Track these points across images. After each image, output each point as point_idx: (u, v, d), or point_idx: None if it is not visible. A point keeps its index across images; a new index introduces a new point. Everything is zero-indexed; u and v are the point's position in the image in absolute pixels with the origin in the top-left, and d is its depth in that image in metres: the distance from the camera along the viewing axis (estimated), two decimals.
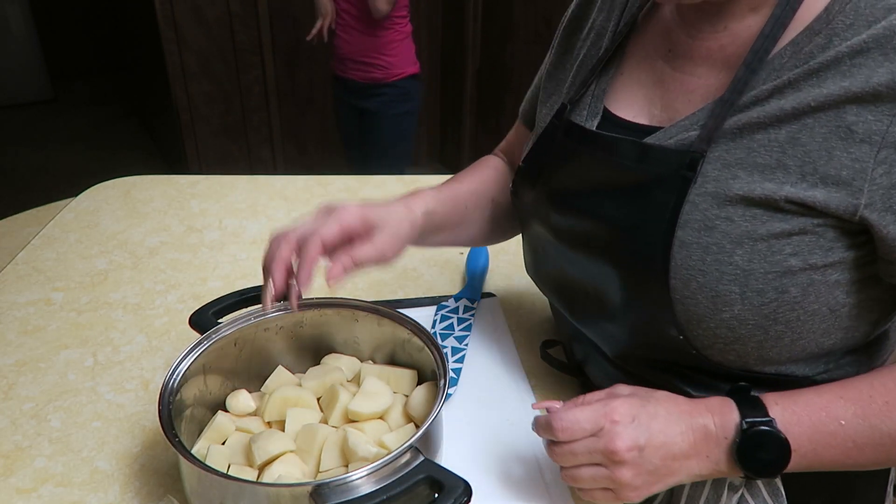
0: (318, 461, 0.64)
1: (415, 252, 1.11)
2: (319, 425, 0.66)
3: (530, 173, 0.74)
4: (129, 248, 1.12)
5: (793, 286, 0.57)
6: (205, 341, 0.69)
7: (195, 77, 3.07)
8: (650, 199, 0.60)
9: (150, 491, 0.69)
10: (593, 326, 0.71)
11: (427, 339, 0.71)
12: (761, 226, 0.56)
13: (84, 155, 3.94)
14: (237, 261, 1.09)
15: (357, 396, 0.69)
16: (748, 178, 0.56)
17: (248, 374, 0.74)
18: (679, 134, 0.61)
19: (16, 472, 0.71)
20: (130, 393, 0.82)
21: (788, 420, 0.57)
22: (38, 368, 0.86)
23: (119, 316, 0.96)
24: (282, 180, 1.36)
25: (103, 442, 0.75)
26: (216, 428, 0.67)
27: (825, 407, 0.57)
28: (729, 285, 0.57)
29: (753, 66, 0.57)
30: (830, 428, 0.56)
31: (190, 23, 2.97)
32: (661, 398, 0.59)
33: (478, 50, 3.34)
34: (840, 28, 0.54)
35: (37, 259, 1.08)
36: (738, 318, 0.58)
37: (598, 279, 0.66)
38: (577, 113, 0.71)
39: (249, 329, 0.72)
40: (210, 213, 1.23)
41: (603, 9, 0.74)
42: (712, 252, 0.57)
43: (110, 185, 1.32)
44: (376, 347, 0.77)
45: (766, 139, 0.56)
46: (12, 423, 0.77)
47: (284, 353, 0.76)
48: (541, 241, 0.74)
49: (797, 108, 0.55)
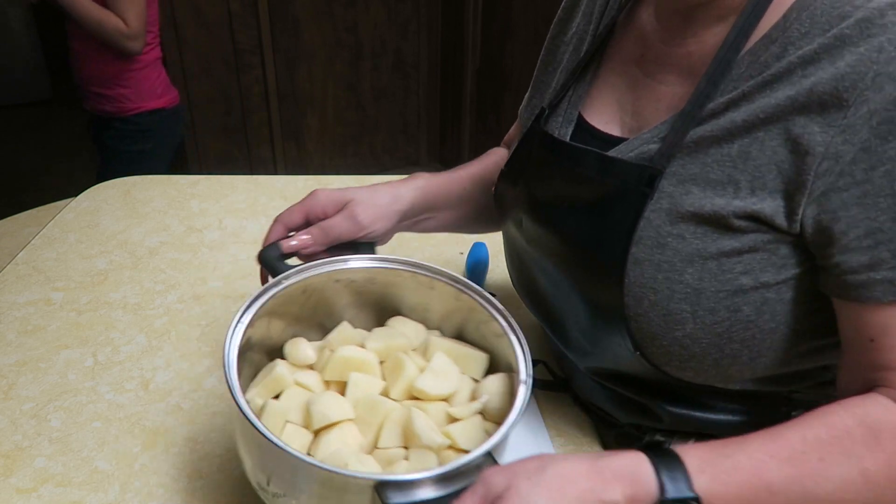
0: (377, 436, 0.60)
1: (415, 251, 1.11)
2: (383, 399, 0.62)
3: (511, 176, 0.73)
4: (129, 248, 1.12)
5: (745, 305, 0.55)
6: (273, 287, 0.65)
7: (195, 77, 3.06)
8: (610, 215, 0.59)
9: (150, 491, 0.69)
10: (565, 338, 0.70)
11: (510, 326, 0.64)
12: (711, 244, 0.55)
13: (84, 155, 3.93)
14: (237, 261, 1.09)
15: (425, 374, 0.64)
16: (700, 194, 0.55)
17: (310, 322, 0.71)
18: (641, 147, 0.60)
19: (16, 472, 0.71)
20: (130, 393, 0.82)
21: (714, 493, 0.48)
22: (38, 368, 0.86)
23: (119, 316, 0.96)
24: (282, 180, 1.36)
25: (103, 442, 0.75)
26: (275, 378, 0.63)
27: (755, 472, 0.49)
28: (680, 304, 0.56)
29: (715, 79, 0.55)
30: (760, 498, 0.48)
31: (190, 23, 2.97)
32: (551, 479, 0.47)
33: (478, 50, 3.34)
34: (795, 37, 0.52)
35: (37, 259, 1.08)
36: (690, 336, 0.56)
37: (564, 291, 0.65)
38: (553, 119, 0.70)
39: (320, 278, 0.69)
40: (210, 213, 1.23)
41: (586, 12, 0.73)
42: (664, 270, 0.56)
43: (110, 185, 1.32)
44: (445, 317, 0.72)
45: (718, 154, 0.54)
46: (12, 423, 0.77)
47: (350, 307, 0.73)
48: (516, 245, 0.73)
49: (747, 121, 0.53)
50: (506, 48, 3.17)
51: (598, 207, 0.60)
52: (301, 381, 0.64)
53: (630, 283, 0.57)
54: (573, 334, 0.67)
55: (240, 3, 3.03)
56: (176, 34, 2.98)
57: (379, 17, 3.28)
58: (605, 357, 0.65)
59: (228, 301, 0.99)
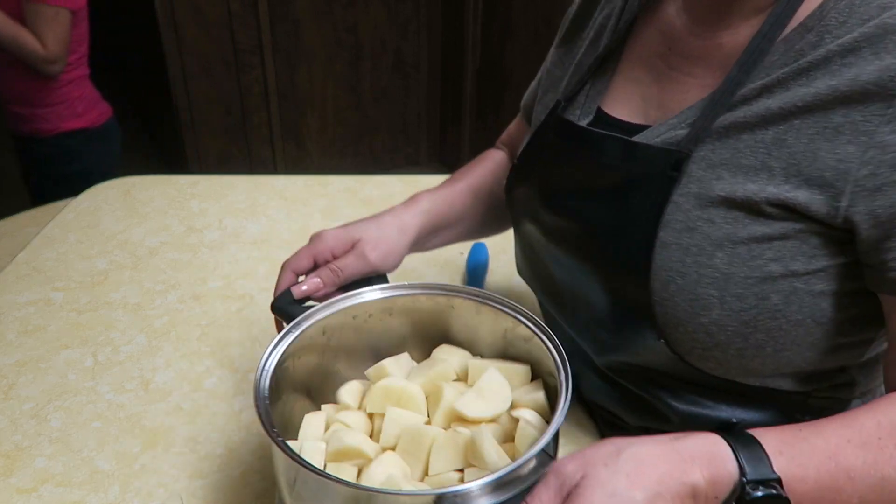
0: (426, 464, 0.58)
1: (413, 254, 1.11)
2: (425, 427, 0.60)
3: (524, 171, 0.73)
4: (129, 248, 1.12)
5: (773, 293, 0.55)
6: (293, 330, 0.64)
7: (195, 77, 3.06)
8: (634, 199, 0.59)
9: (150, 491, 0.69)
10: (582, 330, 0.70)
11: (538, 327, 0.62)
12: (742, 229, 0.54)
13: None
14: (237, 261, 1.09)
15: (467, 395, 0.61)
16: (731, 180, 0.55)
17: (335, 361, 0.69)
18: (667, 132, 0.60)
19: (16, 472, 0.71)
20: (130, 393, 0.82)
21: (794, 475, 0.46)
22: (38, 368, 0.86)
23: (119, 316, 0.96)
24: (282, 180, 1.36)
25: (103, 442, 0.75)
26: (311, 423, 0.62)
27: (833, 456, 0.48)
28: (707, 288, 0.56)
29: (747, 66, 0.55)
30: (839, 483, 0.47)
31: (190, 23, 2.97)
32: (627, 463, 0.45)
33: (478, 50, 3.34)
34: (833, 25, 0.52)
35: (37, 259, 1.08)
36: (716, 322, 0.56)
37: (584, 281, 0.65)
38: (570, 111, 0.70)
39: (337, 317, 0.67)
40: (210, 213, 1.23)
41: (605, 7, 0.73)
42: (692, 254, 0.56)
43: (110, 185, 1.32)
44: (473, 333, 0.70)
45: (752, 140, 0.54)
46: (12, 423, 0.77)
47: (377, 339, 0.71)
48: (531, 240, 0.73)
49: (784, 109, 0.53)
50: (506, 48, 3.17)
51: (621, 193, 0.60)
52: (339, 419, 0.63)
53: (657, 266, 0.57)
54: (592, 326, 0.67)
55: (240, 3, 3.03)
56: (176, 34, 2.98)
57: (379, 17, 3.28)
58: (625, 349, 0.64)
59: (228, 301, 0.99)
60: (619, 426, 0.73)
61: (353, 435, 0.59)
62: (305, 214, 1.23)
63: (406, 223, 0.75)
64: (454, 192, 0.82)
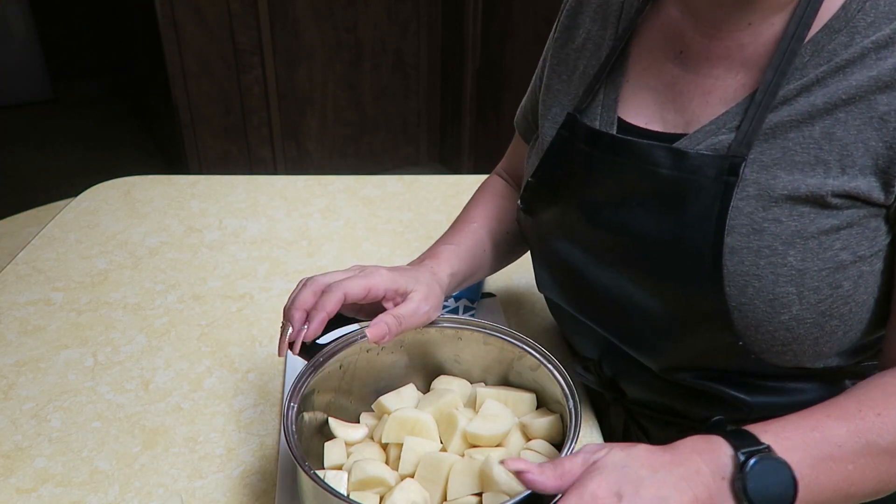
0: (445, 490, 0.60)
1: (414, 252, 1.11)
2: (442, 454, 0.62)
3: (544, 188, 0.72)
4: (129, 248, 1.12)
5: (845, 280, 0.57)
6: (313, 367, 0.66)
7: (195, 77, 3.06)
8: (691, 208, 0.59)
9: (150, 491, 0.69)
10: (634, 343, 0.69)
11: (544, 356, 0.66)
12: (810, 223, 0.56)
13: (84, 155, 3.93)
14: (237, 261, 1.09)
15: (475, 420, 0.65)
16: (789, 178, 0.56)
17: (350, 394, 0.72)
18: (708, 138, 0.60)
19: (16, 472, 0.71)
20: (130, 393, 0.82)
21: (784, 446, 0.50)
22: (38, 368, 0.86)
23: (119, 316, 0.96)
24: (282, 180, 1.36)
25: (103, 442, 0.75)
26: (333, 451, 0.65)
27: (816, 427, 0.52)
28: (785, 286, 0.57)
29: (783, 68, 0.57)
30: (828, 450, 0.51)
31: (190, 23, 2.97)
32: (640, 457, 0.49)
33: (478, 50, 3.34)
34: (861, 26, 0.55)
35: (37, 259, 1.08)
36: (796, 318, 0.57)
37: (637, 294, 0.64)
38: (588, 123, 0.69)
39: (353, 351, 0.69)
40: (210, 213, 1.23)
41: (596, 18, 0.72)
42: (764, 255, 0.57)
43: (110, 185, 1.32)
44: (485, 368, 0.73)
45: (800, 137, 0.56)
46: (12, 423, 0.77)
47: (389, 372, 0.73)
48: (564, 257, 0.71)
49: (828, 103, 0.55)
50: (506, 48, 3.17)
51: (674, 203, 0.60)
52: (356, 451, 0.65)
53: (730, 273, 0.58)
54: (646, 336, 0.67)
55: (240, 3, 3.03)
56: (176, 34, 2.98)
57: (379, 17, 3.28)
58: (691, 353, 0.64)
59: (228, 301, 0.99)
60: (671, 423, 0.72)
61: (374, 465, 0.61)
62: (305, 214, 1.23)
63: (442, 281, 0.74)
64: (475, 240, 0.81)
